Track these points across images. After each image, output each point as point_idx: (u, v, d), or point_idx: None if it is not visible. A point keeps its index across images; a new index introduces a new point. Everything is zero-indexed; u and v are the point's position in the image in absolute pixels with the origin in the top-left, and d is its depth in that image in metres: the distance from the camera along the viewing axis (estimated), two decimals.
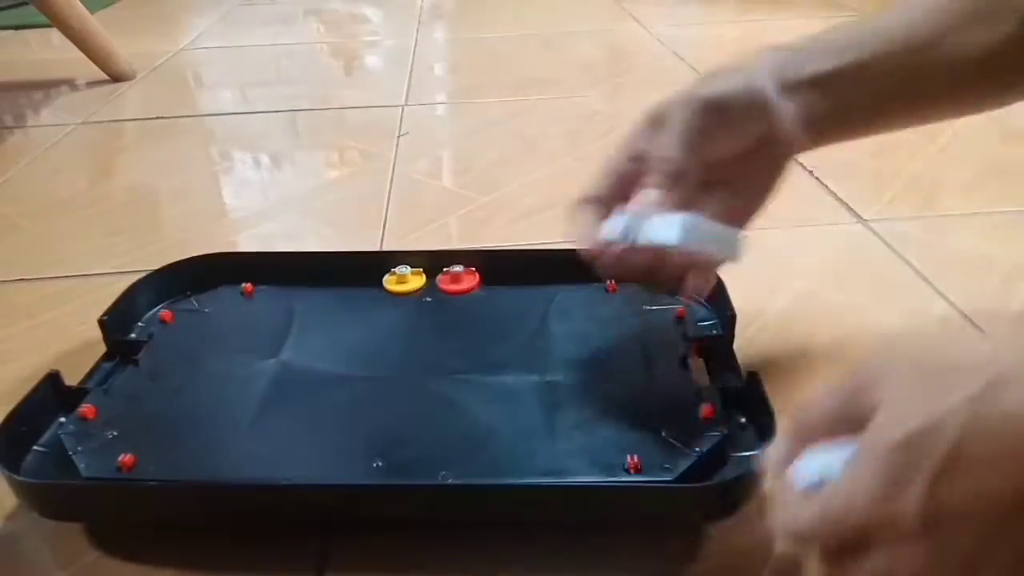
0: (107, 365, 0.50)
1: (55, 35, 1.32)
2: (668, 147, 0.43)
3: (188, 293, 0.57)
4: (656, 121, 0.44)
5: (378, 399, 0.46)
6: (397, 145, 0.94)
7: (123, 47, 1.26)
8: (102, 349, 0.51)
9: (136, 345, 0.51)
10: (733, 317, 0.49)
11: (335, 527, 0.41)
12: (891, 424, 0.26)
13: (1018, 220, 0.70)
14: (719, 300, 0.51)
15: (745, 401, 0.43)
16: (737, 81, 0.43)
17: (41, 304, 0.64)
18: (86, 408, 0.45)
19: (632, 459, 0.40)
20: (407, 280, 0.57)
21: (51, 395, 0.45)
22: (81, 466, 0.41)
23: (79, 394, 0.46)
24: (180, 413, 0.46)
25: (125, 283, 0.55)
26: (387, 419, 0.45)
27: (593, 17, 1.57)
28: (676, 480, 0.39)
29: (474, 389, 0.47)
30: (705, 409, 0.43)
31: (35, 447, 0.43)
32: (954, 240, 0.66)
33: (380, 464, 0.41)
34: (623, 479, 0.40)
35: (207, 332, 0.53)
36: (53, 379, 0.46)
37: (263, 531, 0.41)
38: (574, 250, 0.45)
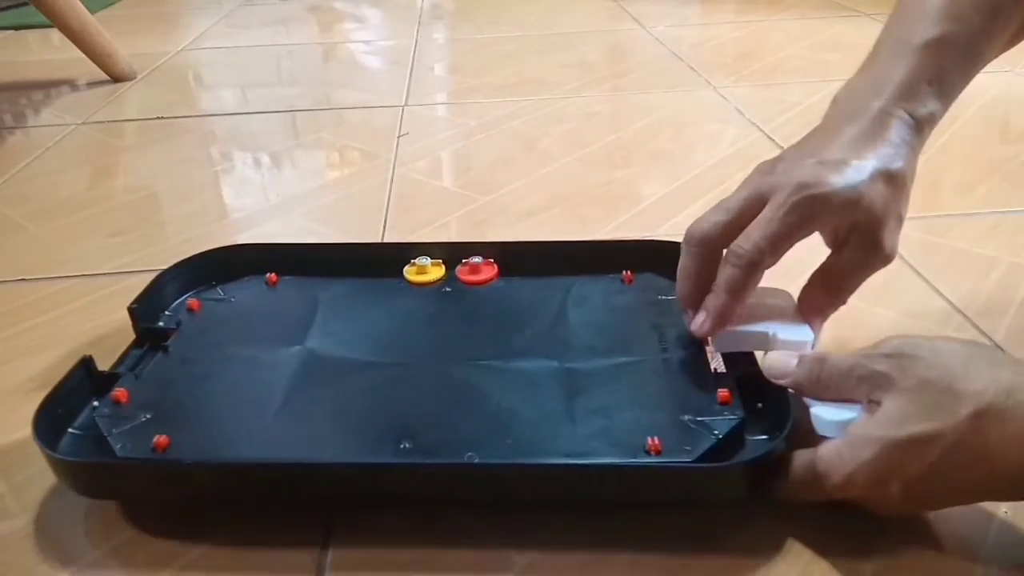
0: (136, 352, 0.50)
1: (55, 35, 1.32)
2: (755, 242, 0.42)
3: (214, 283, 0.58)
4: (761, 196, 0.43)
5: (403, 384, 0.47)
6: (397, 145, 0.94)
7: (123, 47, 1.26)
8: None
9: (164, 333, 0.52)
10: None
11: (366, 504, 0.42)
12: (899, 421, 0.35)
13: (1018, 220, 0.70)
14: None
15: (760, 386, 0.44)
16: (846, 175, 0.42)
17: (42, 304, 0.64)
18: (119, 392, 0.45)
19: (652, 441, 0.41)
20: (427, 271, 0.58)
21: (84, 380, 0.46)
22: (117, 446, 0.42)
23: (110, 379, 0.47)
24: (211, 397, 0.47)
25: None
26: (412, 403, 0.46)
27: (593, 17, 1.57)
28: (696, 461, 0.40)
29: (496, 375, 0.47)
30: (722, 394, 0.44)
31: (70, 430, 0.44)
32: (954, 240, 0.66)
33: (407, 445, 0.42)
34: (644, 460, 0.40)
35: (234, 320, 0.54)
36: (86, 364, 0.46)
37: (294, 509, 0.42)
38: (590, 242, 0.45)
